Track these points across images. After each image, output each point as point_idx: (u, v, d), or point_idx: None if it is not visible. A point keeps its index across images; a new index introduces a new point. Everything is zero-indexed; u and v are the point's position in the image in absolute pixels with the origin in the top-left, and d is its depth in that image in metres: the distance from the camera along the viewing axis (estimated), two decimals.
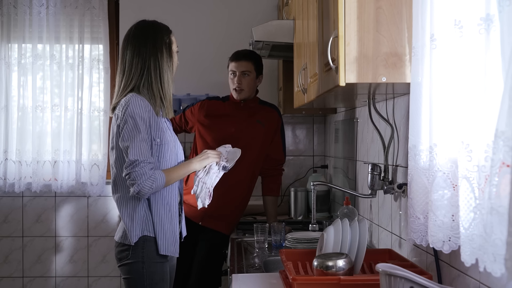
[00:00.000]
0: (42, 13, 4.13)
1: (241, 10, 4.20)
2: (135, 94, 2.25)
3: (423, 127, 1.55)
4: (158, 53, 2.30)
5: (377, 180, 2.26)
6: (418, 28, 1.53)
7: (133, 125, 2.19)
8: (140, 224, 2.25)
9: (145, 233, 2.26)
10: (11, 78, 4.16)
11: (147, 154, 2.19)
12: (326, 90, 1.90)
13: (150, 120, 2.23)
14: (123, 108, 2.22)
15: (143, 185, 2.16)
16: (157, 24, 2.38)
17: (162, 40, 2.32)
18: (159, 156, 2.26)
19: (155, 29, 2.35)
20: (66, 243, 4.28)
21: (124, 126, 2.21)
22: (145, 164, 2.17)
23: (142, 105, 2.22)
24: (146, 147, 2.19)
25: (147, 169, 2.17)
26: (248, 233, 3.13)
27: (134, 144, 2.18)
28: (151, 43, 2.31)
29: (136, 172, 2.16)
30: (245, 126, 3.26)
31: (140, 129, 2.19)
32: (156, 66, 2.29)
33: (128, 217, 2.26)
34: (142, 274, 2.25)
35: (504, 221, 1.06)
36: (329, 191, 3.72)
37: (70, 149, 4.14)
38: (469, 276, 1.55)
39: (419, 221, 1.57)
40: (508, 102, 1.02)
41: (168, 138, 2.30)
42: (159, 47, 2.31)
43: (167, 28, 2.39)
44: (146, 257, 2.25)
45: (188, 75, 3.99)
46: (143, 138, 2.19)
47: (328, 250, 1.97)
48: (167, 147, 2.28)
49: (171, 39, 2.37)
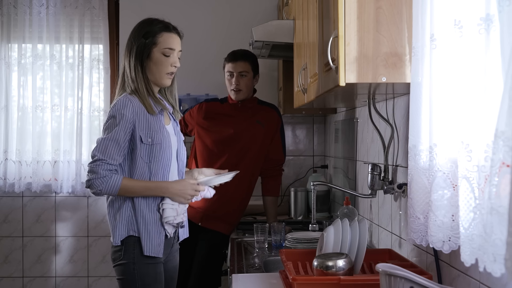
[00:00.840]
0: (42, 13, 4.13)
1: (241, 10, 4.20)
2: (126, 94, 2.28)
3: (423, 127, 1.55)
4: (130, 52, 2.32)
5: (377, 180, 2.26)
6: (418, 28, 1.53)
7: (110, 123, 2.24)
8: (125, 225, 2.26)
9: (131, 233, 2.26)
10: (11, 78, 4.17)
11: (111, 154, 2.21)
12: (326, 90, 1.90)
13: (135, 120, 2.23)
14: (112, 107, 2.28)
15: (92, 183, 2.20)
16: (145, 23, 2.36)
17: (138, 39, 2.32)
18: (150, 156, 2.26)
19: (137, 28, 2.36)
20: (66, 243, 4.28)
21: (105, 123, 2.28)
22: (102, 163, 2.20)
23: (128, 105, 2.23)
24: (113, 147, 2.21)
25: (102, 168, 2.19)
26: (248, 233, 3.13)
27: (102, 141, 2.22)
28: (129, 43, 2.35)
29: (91, 167, 2.21)
30: (244, 127, 3.26)
31: (115, 128, 2.21)
32: (127, 65, 2.32)
33: (113, 217, 2.29)
34: (133, 275, 2.26)
35: (504, 221, 1.06)
36: (329, 191, 3.72)
37: (70, 149, 4.14)
38: (469, 276, 1.55)
39: (419, 221, 1.57)
40: (508, 102, 1.02)
41: (162, 138, 2.28)
42: (132, 47, 2.33)
43: (160, 27, 2.34)
44: (137, 258, 2.26)
45: (188, 75, 3.99)
46: (114, 137, 2.21)
47: (328, 250, 1.97)
48: (159, 147, 2.27)
49: (157, 39, 2.32)
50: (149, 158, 2.26)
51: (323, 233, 2.04)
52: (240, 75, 3.21)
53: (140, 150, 2.24)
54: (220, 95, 3.52)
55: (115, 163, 2.22)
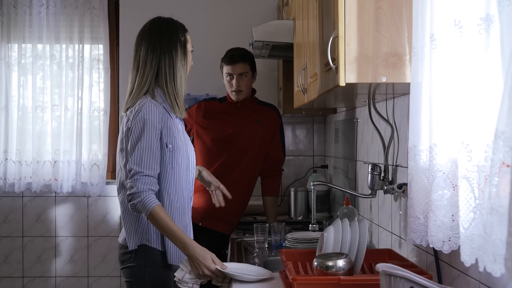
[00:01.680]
0: (42, 13, 4.13)
1: (241, 10, 4.20)
2: (150, 99, 2.19)
3: (423, 127, 1.55)
4: (172, 50, 2.24)
5: (377, 180, 2.26)
6: (418, 28, 1.53)
7: (141, 131, 2.14)
8: (141, 233, 2.20)
9: (144, 242, 2.19)
10: (11, 78, 4.16)
11: (147, 165, 2.11)
12: (326, 90, 1.90)
13: (162, 127, 2.17)
14: (136, 112, 2.17)
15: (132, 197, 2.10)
16: (172, 21, 2.32)
17: (177, 37, 2.26)
18: (172, 162, 2.19)
19: (170, 26, 2.29)
20: (66, 243, 4.28)
21: (133, 130, 2.16)
22: (140, 176, 2.10)
23: (155, 112, 2.16)
24: (148, 156, 2.12)
25: (141, 182, 2.09)
26: (248, 233, 3.13)
27: (136, 151, 2.13)
28: (166, 40, 2.24)
29: (131, 184, 2.10)
30: (244, 126, 3.26)
31: (147, 137, 2.13)
32: (171, 63, 2.23)
33: (129, 223, 2.21)
34: (144, 278, 2.20)
35: (504, 221, 1.06)
36: (329, 191, 3.72)
37: (70, 149, 4.14)
38: (469, 276, 1.55)
39: (419, 221, 1.57)
40: (508, 102, 1.02)
41: (180, 143, 2.23)
42: (174, 45, 2.24)
43: (182, 26, 2.33)
44: (149, 261, 2.20)
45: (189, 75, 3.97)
46: (147, 146, 2.13)
47: (328, 250, 1.97)
48: (178, 152, 2.21)
49: (186, 37, 2.31)
50: (172, 164, 2.19)
51: (323, 233, 2.04)
52: (240, 76, 3.21)
53: (165, 156, 2.18)
54: (220, 95, 3.51)
55: (153, 174, 2.13)
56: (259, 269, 2.21)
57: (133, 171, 2.11)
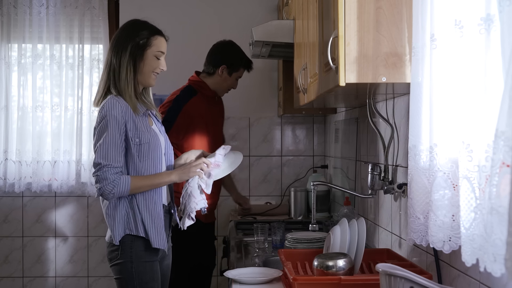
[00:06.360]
0: (42, 13, 4.13)
1: (241, 10, 4.20)
2: (112, 96, 2.28)
3: (423, 127, 1.55)
4: (121, 52, 2.31)
5: (377, 180, 2.26)
6: (418, 28, 1.53)
7: (104, 126, 2.23)
8: (122, 223, 2.26)
9: (127, 232, 2.26)
10: (11, 78, 4.16)
11: (113, 158, 2.21)
12: (326, 90, 1.90)
13: (126, 121, 2.24)
14: (100, 109, 2.27)
15: (104, 189, 2.20)
16: (138, 24, 2.37)
17: (132, 39, 2.31)
18: (140, 156, 2.27)
19: (130, 28, 2.36)
20: (66, 243, 4.28)
21: (97, 127, 2.27)
22: (108, 168, 2.20)
23: (117, 107, 2.24)
24: (113, 150, 2.22)
25: (110, 173, 2.20)
26: (248, 233, 3.13)
27: (101, 146, 2.22)
28: (121, 42, 2.33)
29: (98, 176, 2.21)
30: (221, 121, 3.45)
31: (110, 130, 2.22)
32: (118, 64, 2.30)
33: (110, 216, 2.28)
34: (131, 273, 2.26)
35: (504, 221, 1.06)
36: (329, 191, 3.72)
37: (70, 149, 4.14)
38: (469, 276, 1.55)
39: (419, 221, 1.57)
40: (508, 102, 1.02)
41: (150, 138, 2.30)
42: (124, 47, 2.31)
43: (152, 29, 2.36)
44: (135, 257, 2.26)
45: (188, 75, 3.99)
46: (111, 140, 2.22)
47: (336, 249, 1.97)
48: (147, 147, 2.28)
49: (150, 41, 2.34)
50: (140, 158, 2.27)
51: (330, 233, 2.04)
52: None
53: (131, 150, 2.26)
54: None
55: (119, 165, 2.23)
56: (265, 269, 2.22)
57: (100, 165, 2.21)
